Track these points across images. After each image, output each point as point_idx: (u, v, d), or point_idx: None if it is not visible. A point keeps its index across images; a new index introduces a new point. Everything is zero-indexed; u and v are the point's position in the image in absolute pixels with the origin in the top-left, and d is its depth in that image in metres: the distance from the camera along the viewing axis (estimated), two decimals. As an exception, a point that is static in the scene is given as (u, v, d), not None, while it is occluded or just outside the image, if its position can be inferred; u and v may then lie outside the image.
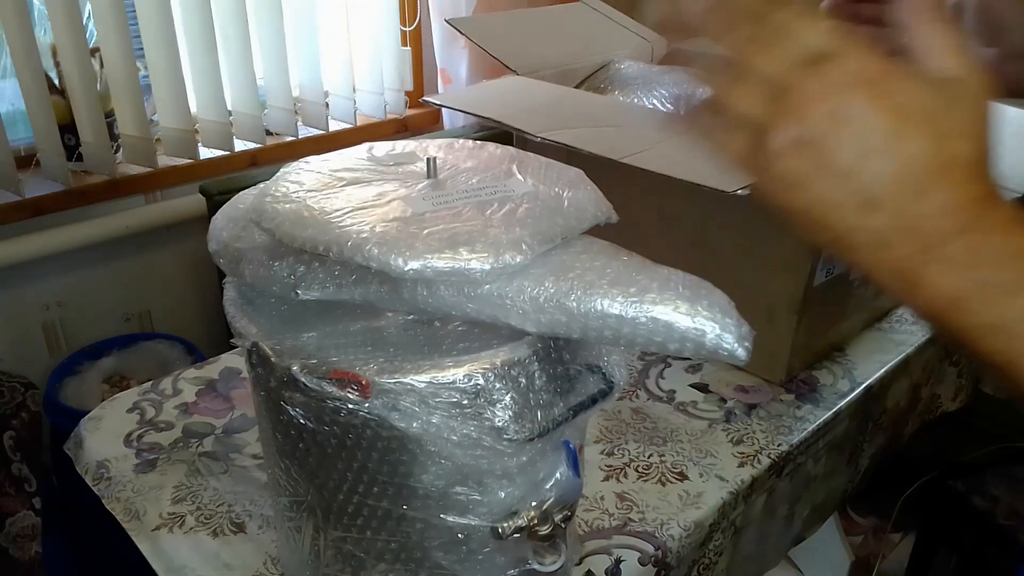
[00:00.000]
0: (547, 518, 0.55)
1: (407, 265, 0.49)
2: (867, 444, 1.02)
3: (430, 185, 0.60)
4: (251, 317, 0.57)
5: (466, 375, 0.50)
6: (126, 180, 1.63)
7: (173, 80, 1.61)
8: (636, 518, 0.75)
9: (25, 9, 1.41)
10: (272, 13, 1.72)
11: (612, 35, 1.28)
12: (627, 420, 0.88)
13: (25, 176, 1.56)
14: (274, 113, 1.83)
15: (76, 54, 1.49)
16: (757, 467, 0.82)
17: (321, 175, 0.61)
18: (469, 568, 0.57)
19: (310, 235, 0.52)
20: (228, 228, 0.62)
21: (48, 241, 1.57)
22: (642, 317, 0.49)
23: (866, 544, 1.53)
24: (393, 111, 2.01)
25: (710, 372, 0.96)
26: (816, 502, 0.96)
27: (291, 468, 0.58)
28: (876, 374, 0.96)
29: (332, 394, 0.51)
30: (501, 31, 1.20)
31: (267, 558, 0.71)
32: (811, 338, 0.94)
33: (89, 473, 0.83)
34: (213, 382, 0.95)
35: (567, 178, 0.63)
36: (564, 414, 0.54)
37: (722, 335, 0.49)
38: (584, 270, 0.52)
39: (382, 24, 1.91)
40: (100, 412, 0.90)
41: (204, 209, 1.61)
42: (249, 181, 0.80)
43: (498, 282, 0.51)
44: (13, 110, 1.57)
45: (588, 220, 0.57)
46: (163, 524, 0.74)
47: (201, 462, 0.82)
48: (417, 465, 0.53)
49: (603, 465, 0.81)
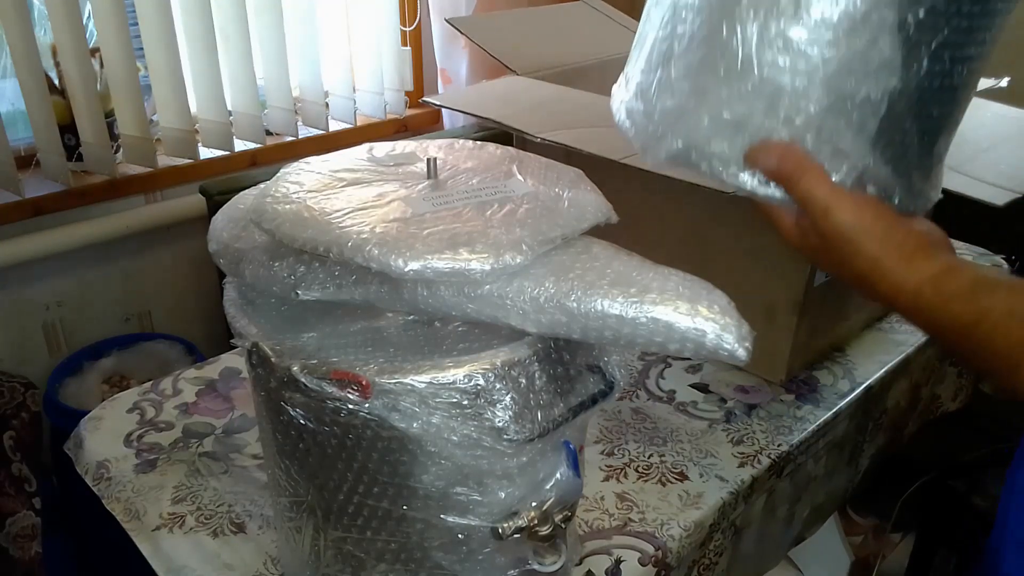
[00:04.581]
0: (547, 518, 0.55)
1: (407, 266, 0.49)
2: (867, 444, 1.02)
3: (430, 186, 0.60)
4: (251, 317, 0.57)
5: (466, 375, 0.50)
6: (126, 180, 1.63)
7: (173, 80, 1.61)
8: (636, 518, 0.75)
9: (25, 9, 1.41)
10: (272, 13, 1.72)
11: (612, 35, 1.28)
12: (627, 420, 0.88)
13: (25, 176, 1.56)
14: (274, 113, 1.83)
15: (76, 54, 1.49)
16: (757, 467, 0.82)
17: (321, 176, 0.61)
18: (469, 568, 0.57)
19: (310, 236, 0.52)
20: (228, 228, 0.62)
21: (48, 241, 1.57)
22: (642, 317, 0.49)
23: (866, 544, 1.53)
24: (393, 111, 2.01)
25: (710, 372, 0.96)
26: (816, 502, 0.96)
27: (291, 468, 0.58)
28: (876, 374, 0.96)
29: (332, 394, 0.51)
30: (501, 31, 1.20)
31: (267, 558, 0.71)
32: (811, 338, 0.94)
33: (89, 473, 0.83)
34: (213, 382, 0.95)
35: (567, 178, 0.63)
36: (564, 414, 0.54)
37: (722, 335, 0.49)
38: (584, 270, 0.52)
39: (382, 24, 1.91)
40: (100, 412, 0.90)
41: (204, 209, 1.61)
42: (249, 181, 0.80)
43: (498, 282, 0.51)
44: (13, 110, 1.57)
45: (588, 220, 0.57)
46: (163, 524, 0.74)
47: (201, 462, 0.82)
48: (417, 465, 0.53)
49: (603, 465, 0.81)
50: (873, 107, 0.53)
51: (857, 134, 0.54)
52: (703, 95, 0.56)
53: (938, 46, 0.51)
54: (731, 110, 0.55)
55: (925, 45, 0.51)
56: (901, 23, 0.50)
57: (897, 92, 0.52)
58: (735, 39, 0.53)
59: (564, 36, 1.26)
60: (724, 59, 0.54)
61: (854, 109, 0.53)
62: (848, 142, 0.54)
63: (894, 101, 0.53)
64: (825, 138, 0.54)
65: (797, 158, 0.54)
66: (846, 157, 0.54)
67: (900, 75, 0.52)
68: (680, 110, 0.57)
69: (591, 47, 1.23)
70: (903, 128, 0.54)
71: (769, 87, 0.53)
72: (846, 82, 0.52)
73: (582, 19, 1.32)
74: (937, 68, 0.52)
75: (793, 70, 0.53)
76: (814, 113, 0.53)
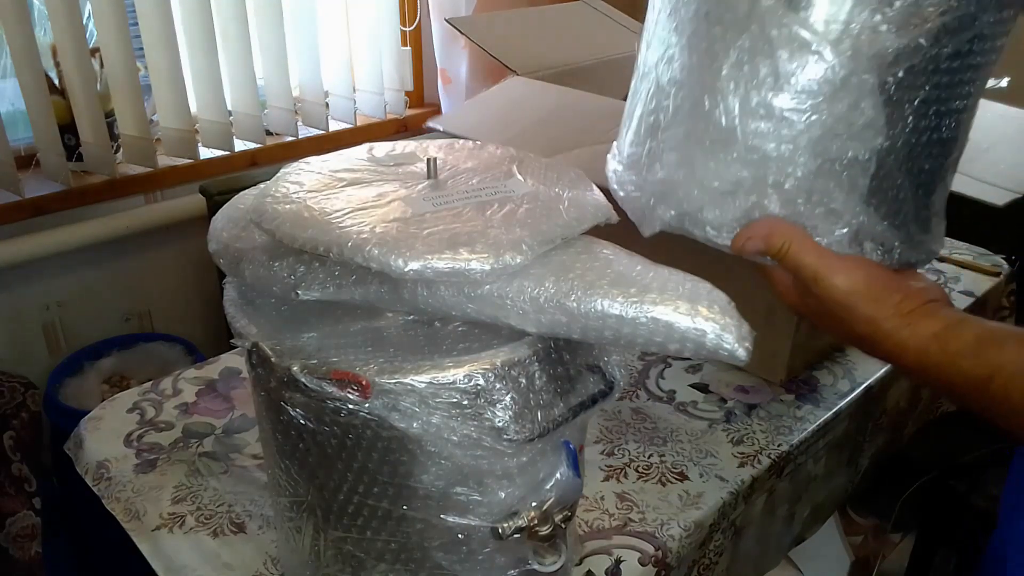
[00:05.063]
0: (547, 518, 0.55)
1: (407, 266, 0.49)
2: (867, 444, 1.02)
3: (430, 186, 0.60)
4: (251, 317, 0.57)
5: (466, 375, 0.50)
6: (126, 180, 1.63)
7: (173, 80, 1.61)
8: (636, 518, 0.75)
9: (25, 9, 1.41)
10: (272, 13, 1.72)
11: (612, 35, 1.28)
12: (627, 420, 0.88)
13: (25, 176, 1.56)
14: (274, 113, 1.83)
15: (76, 54, 1.49)
16: (757, 467, 0.82)
17: (321, 176, 0.61)
18: (469, 568, 0.57)
19: (310, 236, 0.52)
20: (228, 228, 0.62)
21: (48, 241, 1.57)
22: (642, 317, 0.49)
23: (866, 544, 1.53)
24: (393, 111, 2.01)
25: (710, 372, 0.96)
26: (816, 502, 0.96)
27: (291, 468, 0.58)
28: (876, 374, 0.96)
29: (332, 394, 0.51)
30: (501, 31, 1.20)
31: (267, 558, 0.71)
32: (811, 338, 0.94)
33: (89, 473, 0.83)
34: (213, 382, 0.95)
35: (567, 178, 0.63)
36: (564, 414, 0.54)
37: (722, 335, 0.49)
38: (584, 270, 0.52)
39: (382, 24, 1.91)
40: (100, 412, 0.90)
41: (204, 209, 1.61)
42: (249, 181, 0.80)
43: (498, 282, 0.51)
44: (13, 110, 1.57)
45: (588, 220, 0.57)
46: (163, 524, 0.74)
47: (201, 462, 0.82)
48: (417, 465, 0.53)
49: (603, 465, 0.81)
50: (862, 166, 0.53)
51: (849, 193, 0.54)
52: (691, 166, 0.57)
53: (921, 103, 0.52)
54: (719, 179, 0.56)
55: (908, 103, 0.52)
56: (881, 84, 0.51)
57: (885, 150, 0.53)
58: (718, 111, 0.54)
59: (564, 36, 1.26)
60: (709, 130, 0.55)
61: (843, 170, 0.53)
62: (840, 202, 0.54)
63: (883, 159, 0.53)
64: (816, 200, 0.54)
65: (782, 231, 0.55)
66: (839, 216, 0.55)
67: (885, 134, 0.52)
68: (670, 181, 0.58)
69: (591, 47, 1.23)
70: (895, 184, 0.54)
71: (755, 155, 0.54)
72: (831, 145, 0.53)
73: (582, 19, 1.32)
74: (923, 124, 0.53)
75: (777, 137, 0.53)
76: (802, 176, 0.54)
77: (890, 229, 0.55)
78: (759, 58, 0.52)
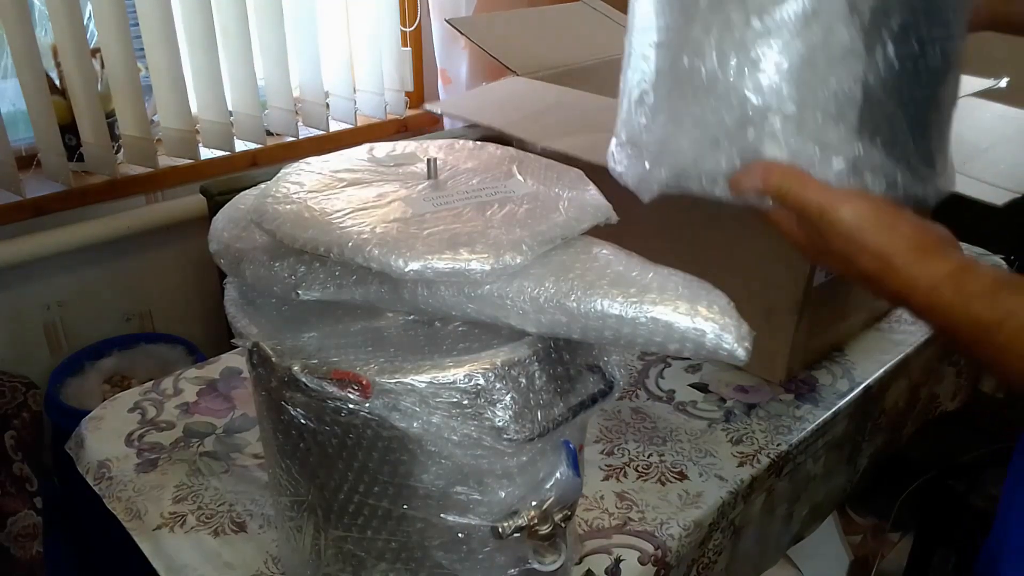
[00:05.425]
0: (547, 518, 0.56)
1: (408, 266, 0.49)
2: (866, 444, 1.02)
3: (430, 186, 0.60)
4: (252, 317, 0.58)
5: (466, 375, 0.50)
6: (127, 180, 1.63)
7: (174, 80, 1.61)
8: (636, 517, 0.75)
9: (26, 9, 1.41)
10: (272, 13, 1.72)
11: (612, 35, 1.29)
12: (627, 420, 0.88)
13: (26, 176, 1.56)
14: (274, 113, 1.83)
15: (77, 54, 1.49)
16: (756, 467, 0.82)
17: (322, 176, 0.61)
18: (469, 568, 0.57)
19: (311, 236, 0.52)
20: (229, 229, 0.62)
21: (49, 241, 1.57)
22: (642, 317, 0.50)
23: (865, 544, 1.54)
24: (393, 111, 2.01)
25: (710, 372, 0.97)
26: (815, 502, 0.96)
27: (292, 468, 0.58)
28: (875, 374, 0.97)
29: (333, 394, 0.51)
30: (501, 31, 1.20)
31: (268, 557, 0.71)
32: (811, 338, 0.94)
33: (90, 473, 0.83)
34: (214, 382, 0.95)
35: (567, 178, 0.63)
36: (564, 414, 0.54)
37: (722, 335, 0.49)
38: (584, 270, 0.52)
39: (382, 24, 1.91)
40: (101, 412, 0.90)
41: (205, 209, 1.61)
42: (250, 181, 0.80)
43: (498, 282, 0.51)
44: (14, 110, 1.57)
45: (588, 220, 0.57)
46: (164, 523, 0.75)
47: (202, 462, 0.82)
48: (417, 465, 0.53)
49: (603, 465, 0.82)
50: (848, 96, 0.54)
51: (838, 125, 0.54)
52: (679, 121, 0.58)
53: (900, 29, 0.52)
54: (706, 127, 0.56)
55: (885, 28, 0.52)
56: (852, 8, 0.52)
57: (869, 79, 0.53)
58: (696, 60, 0.55)
59: (564, 36, 1.26)
60: (691, 81, 0.56)
61: (829, 101, 0.54)
62: (832, 135, 0.54)
63: (869, 88, 0.53)
64: (808, 135, 0.55)
65: (779, 171, 0.55)
66: (835, 150, 0.55)
67: (865, 60, 0.53)
68: (662, 141, 0.59)
69: (591, 47, 1.23)
70: (887, 113, 0.55)
71: (736, 95, 0.55)
72: (812, 76, 0.53)
73: (582, 19, 1.32)
74: (906, 51, 0.53)
75: (755, 76, 0.54)
76: (789, 113, 0.54)
77: (889, 160, 0.55)
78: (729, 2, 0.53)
